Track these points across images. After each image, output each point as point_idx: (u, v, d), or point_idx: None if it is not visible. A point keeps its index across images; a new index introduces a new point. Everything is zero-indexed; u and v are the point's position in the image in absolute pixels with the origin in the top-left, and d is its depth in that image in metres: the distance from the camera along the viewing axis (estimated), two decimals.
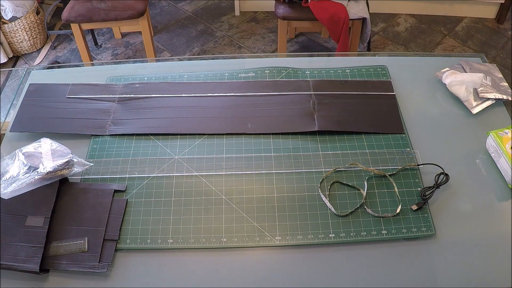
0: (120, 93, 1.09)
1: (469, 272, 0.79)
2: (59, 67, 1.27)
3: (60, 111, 1.05)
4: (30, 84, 1.13)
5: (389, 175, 0.92)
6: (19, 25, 2.34)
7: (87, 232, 0.83)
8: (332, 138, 0.99)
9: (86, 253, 0.81)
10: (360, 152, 0.97)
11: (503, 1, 2.48)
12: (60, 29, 2.67)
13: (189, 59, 1.22)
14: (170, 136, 1.01)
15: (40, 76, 1.18)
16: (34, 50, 2.51)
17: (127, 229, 0.85)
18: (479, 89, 1.05)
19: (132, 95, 1.09)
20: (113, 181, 0.93)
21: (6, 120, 1.07)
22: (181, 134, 1.01)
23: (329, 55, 1.89)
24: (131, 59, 1.70)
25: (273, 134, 1.01)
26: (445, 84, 1.08)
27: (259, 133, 1.01)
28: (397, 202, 0.88)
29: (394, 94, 1.08)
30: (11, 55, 2.45)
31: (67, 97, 1.08)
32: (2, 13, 2.31)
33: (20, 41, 2.41)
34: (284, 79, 1.12)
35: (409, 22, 2.61)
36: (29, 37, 2.42)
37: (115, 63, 1.50)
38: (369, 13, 1.97)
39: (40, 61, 2.46)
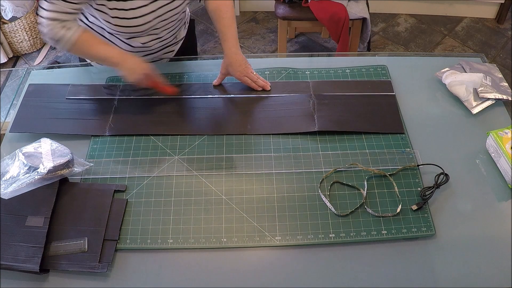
0: (120, 93, 1.09)
1: (469, 272, 0.79)
2: (59, 67, 1.27)
3: (60, 112, 1.05)
4: (29, 84, 1.13)
5: (389, 175, 0.92)
6: (19, 25, 2.34)
7: (87, 232, 0.83)
8: (332, 138, 0.99)
9: (86, 253, 0.81)
10: (360, 152, 0.96)
11: (503, 1, 2.48)
12: None
13: (189, 59, 1.22)
14: (170, 136, 1.01)
15: (40, 76, 1.18)
16: (34, 50, 2.51)
17: (127, 229, 0.85)
18: (479, 89, 1.05)
19: (132, 96, 1.09)
20: (113, 181, 0.93)
21: (6, 120, 1.07)
22: (181, 134, 1.01)
23: (329, 55, 1.89)
24: None
25: (273, 134, 1.01)
26: (445, 84, 1.08)
27: (259, 134, 1.01)
28: (397, 202, 0.88)
29: (394, 94, 1.08)
30: (11, 55, 2.45)
31: (67, 98, 1.08)
32: (2, 13, 2.31)
33: (20, 41, 2.41)
34: (284, 80, 1.12)
35: (409, 22, 2.61)
36: (29, 37, 2.42)
37: None
38: (369, 13, 1.97)
39: (40, 61, 2.46)
